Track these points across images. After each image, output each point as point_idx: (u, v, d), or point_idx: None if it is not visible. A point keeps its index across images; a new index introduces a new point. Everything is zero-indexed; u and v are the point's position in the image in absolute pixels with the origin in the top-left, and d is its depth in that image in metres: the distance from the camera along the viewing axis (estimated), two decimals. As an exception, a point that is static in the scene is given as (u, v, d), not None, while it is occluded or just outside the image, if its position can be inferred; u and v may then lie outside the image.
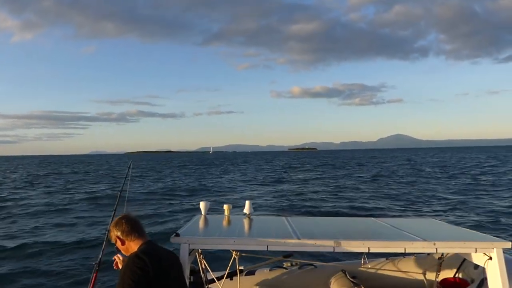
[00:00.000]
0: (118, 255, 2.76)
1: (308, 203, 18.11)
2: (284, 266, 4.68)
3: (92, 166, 76.03)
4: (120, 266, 2.68)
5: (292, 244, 3.08)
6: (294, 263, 4.66)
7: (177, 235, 3.06)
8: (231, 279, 4.24)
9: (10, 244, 10.96)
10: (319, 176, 36.43)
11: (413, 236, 3.25)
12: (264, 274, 4.62)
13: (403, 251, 3.08)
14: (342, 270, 4.45)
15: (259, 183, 31.01)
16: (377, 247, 3.06)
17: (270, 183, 30.66)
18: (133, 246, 2.60)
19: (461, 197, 19.15)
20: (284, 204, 18.07)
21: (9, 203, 20.10)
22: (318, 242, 3.07)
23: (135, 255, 2.45)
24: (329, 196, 20.76)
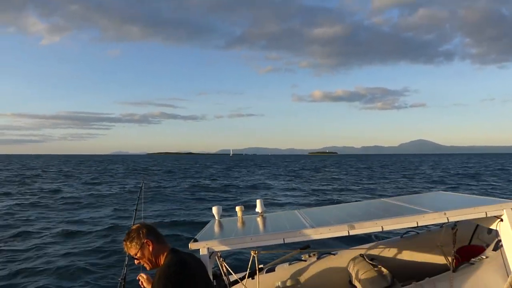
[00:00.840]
0: (142, 274, 2.62)
1: (332, 199, 18.92)
2: (302, 258, 4.75)
3: (120, 165, 78.28)
4: (146, 286, 2.59)
5: (308, 233, 3.11)
6: (312, 254, 4.74)
7: (195, 240, 3.12)
8: (253, 278, 4.28)
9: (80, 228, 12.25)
10: (339, 177, 37.03)
11: (423, 209, 3.30)
12: (284, 269, 4.69)
13: (416, 225, 3.12)
14: (360, 254, 4.51)
15: (284, 181, 31.92)
16: (390, 224, 3.10)
17: (295, 182, 31.53)
18: (160, 256, 2.46)
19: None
20: (310, 200, 18.94)
21: (60, 194, 21.70)
22: (333, 228, 3.10)
23: (169, 267, 2.32)
24: (352, 194, 21.50)
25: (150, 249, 2.43)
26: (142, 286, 2.61)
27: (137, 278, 2.62)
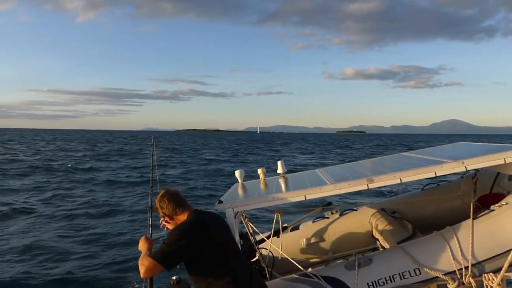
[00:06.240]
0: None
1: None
2: (325, 216, 4.80)
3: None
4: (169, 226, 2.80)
5: (328, 189, 3.14)
6: (334, 211, 4.79)
7: (220, 202, 3.20)
8: (278, 237, 4.40)
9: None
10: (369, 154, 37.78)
11: (441, 160, 3.26)
12: (308, 227, 4.74)
13: (434, 176, 3.10)
14: (381, 209, 4.56)
15: (319, 157, 33.03)
16: (408, 176, 3.09)
17: (331, 158, 32.56)
18: (181, 219, 2.70)
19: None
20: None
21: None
22: (352, 183, 3.12)
23: (183, 222, 2.62)
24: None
25: (170, 211, 2.71)
26: (161, 225, 2.87)
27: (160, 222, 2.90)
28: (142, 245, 2.75)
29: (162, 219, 2.85)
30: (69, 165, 24.18)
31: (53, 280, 6.44)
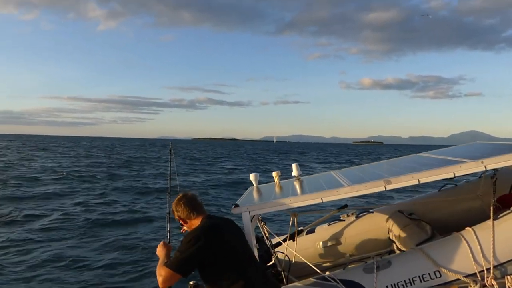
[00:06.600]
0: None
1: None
2: (341, 218, 4.76)
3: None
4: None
5: (344, 191, 3.07)
6: (350, 214, 4.74)
7: (236, 205, 3.19)
8: (294, 240, 4.37)
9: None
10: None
11: (460, 160, 3.18)
12: (323, 229, 4.72)
13: (453, 176, 3.01)
14: (398, 210, 4.49)
15: (337, 168, 32.94)
16: (426, 177, 3.00)
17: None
18: (195, 223, 2.77)
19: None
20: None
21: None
22: (369, 185, 3.04)
23: (196, 227, 2.68)
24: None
25: (185, 215, 2.80)
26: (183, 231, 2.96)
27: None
28: (160, 251, 2.86)
29: (181, 227, 2.93)
30: (92, 174, 24.68)
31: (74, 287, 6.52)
